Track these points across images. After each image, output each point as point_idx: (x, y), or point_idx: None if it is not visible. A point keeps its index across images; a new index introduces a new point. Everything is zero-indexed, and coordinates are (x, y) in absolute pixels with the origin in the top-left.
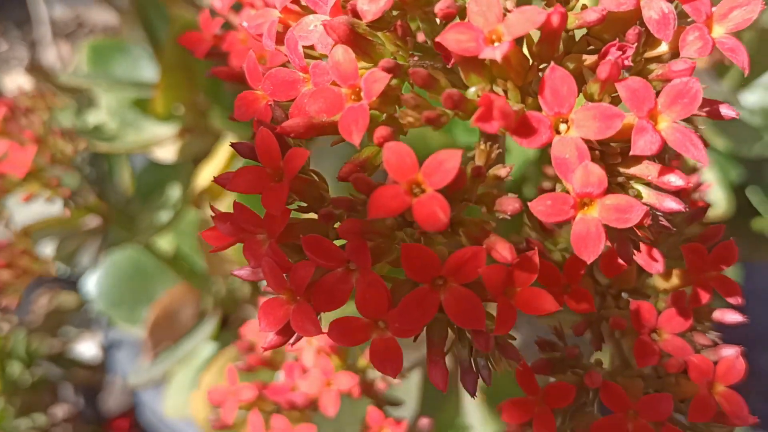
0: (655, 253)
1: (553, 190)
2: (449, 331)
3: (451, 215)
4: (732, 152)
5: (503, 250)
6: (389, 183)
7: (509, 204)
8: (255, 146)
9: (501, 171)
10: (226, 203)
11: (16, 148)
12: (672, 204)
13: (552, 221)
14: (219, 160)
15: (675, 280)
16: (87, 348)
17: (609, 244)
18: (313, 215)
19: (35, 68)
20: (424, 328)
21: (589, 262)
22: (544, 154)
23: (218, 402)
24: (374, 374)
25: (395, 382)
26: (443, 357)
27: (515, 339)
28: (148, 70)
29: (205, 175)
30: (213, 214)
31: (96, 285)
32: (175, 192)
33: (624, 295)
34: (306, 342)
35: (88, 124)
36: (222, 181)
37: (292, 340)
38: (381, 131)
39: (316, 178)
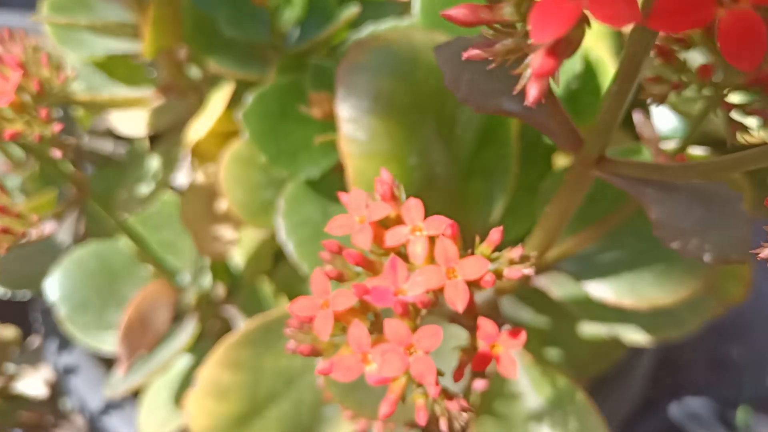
0: None
1: None
2: None
3: None
4: None
5: None
6: None
7: None
8: None
9: None
10: (229, 156)
11: None
12: None
13: None
14: (214, 110)
15: None
16: (31, 385)
17: None
18: None
19: None
20: None
21: None
22: None
23: (304, 318)
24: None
25: (528, 272)
26: None
27: None
28: None
29: (198, 128)
30: None
31: (57, 286)
32: (153, 162)
33: None
34: (411, 231)
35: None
36: None
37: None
38: None
39: None
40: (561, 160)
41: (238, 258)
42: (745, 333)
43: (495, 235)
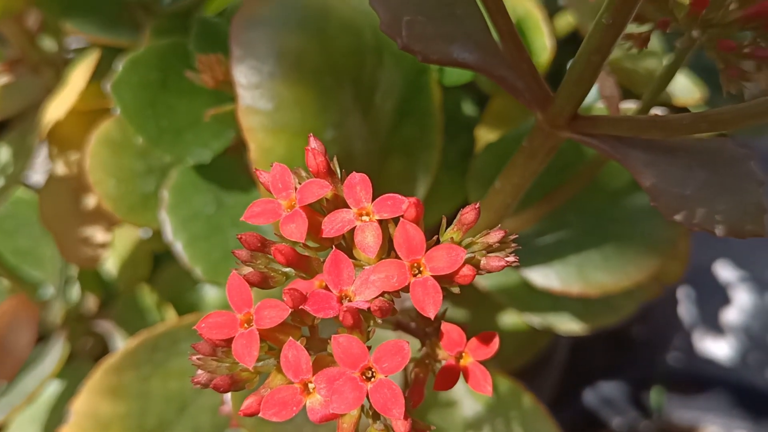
0: None
1: None
2: None
3: None
4: None
5: None
6: None
7: None
8: None
9: None
10: (98, 139)
11: None
12: None
13: None
14: (75, 85)
15: None
16: None
17: None
18: None
19: None
20: None
21: None
22: None
23: (220, 338)
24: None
25: (511, 260)
26: None
27: None
28: None
29: (56, 107)
30: None
31: None
32: (1, 154)
33: None
34: (356, 216)
35: None
36: None
37: None
38: None
39: None
40: (484, 133)
41: (110, 263)
42: (647, 311)
43: (470, 215)
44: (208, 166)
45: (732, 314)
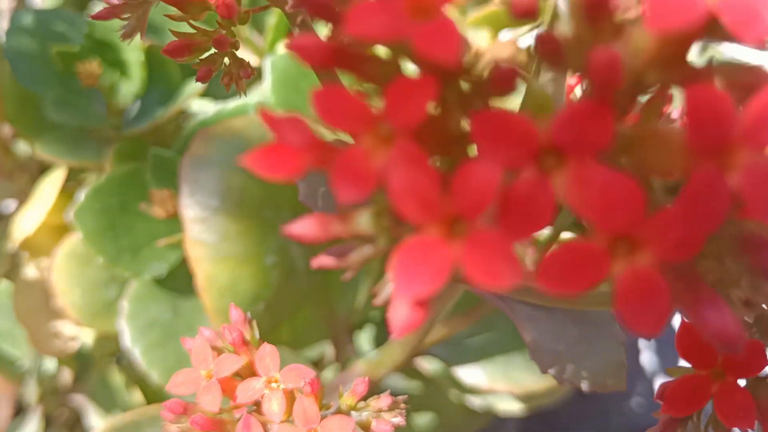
0: None
1: None
2: None
3: None
4: None
5: None
6: None
7: None
8: None
9: None
10: (63, 252)
11: None
12: None
13: None
14: (43, 202)
15: None
16: None
17: None
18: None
19: None
20: None
21: None
22: None
23: None
24: (361, 416)
25: (397, 421)
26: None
27: None
28: None
29: (27, 222)
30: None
31: None
32: None
33: None
34: (266, 384)
35: None
36: None
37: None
38: None
39: None
40: None
41: (86, 335)
42: None
43: (360, 386)
44: (165, 276)
45: None
